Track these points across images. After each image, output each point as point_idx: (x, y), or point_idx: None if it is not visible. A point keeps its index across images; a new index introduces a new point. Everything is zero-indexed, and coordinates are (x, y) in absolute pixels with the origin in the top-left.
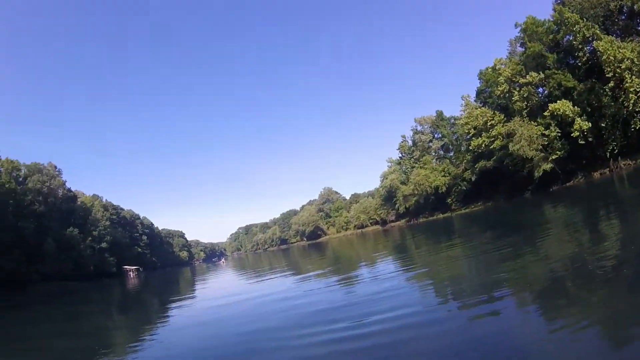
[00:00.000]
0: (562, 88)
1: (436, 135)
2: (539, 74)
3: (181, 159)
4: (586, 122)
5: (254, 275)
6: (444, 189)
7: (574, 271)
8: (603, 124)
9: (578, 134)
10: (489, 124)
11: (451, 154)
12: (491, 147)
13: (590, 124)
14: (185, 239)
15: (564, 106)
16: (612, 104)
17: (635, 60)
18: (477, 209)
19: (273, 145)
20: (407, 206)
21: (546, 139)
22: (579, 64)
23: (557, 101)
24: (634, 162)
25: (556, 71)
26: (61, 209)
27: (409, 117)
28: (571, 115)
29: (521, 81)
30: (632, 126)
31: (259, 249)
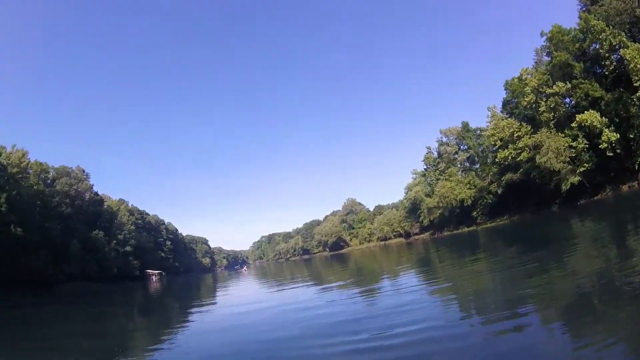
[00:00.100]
0: (589, 98)
1: (462, 147)
2: (565, 83)
3: (208, 168)
4: (614, 133)
5: (276, 284)
6: (469, 201)
7: (601, 287)
8: (631, 135)
9: (606, 145)
10: (515, 135)
11: (477, 166)
12: (518, 159)
13: (618, 135)
14: (209, 245)
15: (591, 117)
16: None
17: None
18: (503, 222)
19: (298, 155)
20: (432, 219)
21: (573, 150)
22: (606, 73)
23: (585, 112)
24: None
25: (583, 81)
26: (88, 211)
27: (434, 128)
28: (599, 126)
29: (548, 91)
30: None
31: (281, 258)
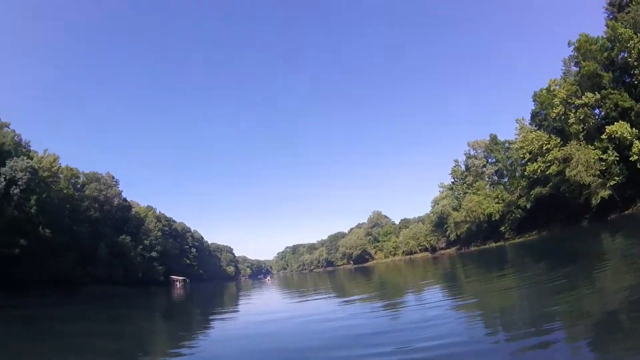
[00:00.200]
0: (619, 109)
1: (490, 160)
2: (594, 94)
3: (236, 178)
4: None
5: (298, 294)
6: (497, 216)
7: (630, 305)
8: None
9: (637, 157)
10: (544, 148)
11: (505, 179)
12: (547, 172)
13: None
14: (233, 254)
15: (621, 128)
16: None
17: None
18: (531, 238)
19: (325, 167)
20: (458, 233)
21: (603, 163)
22: (636, 82)
23: (614, 123)
24: None
25: (612, 91)
26: (116, 216)
27: (462, 141)
28: (629, 137)
29: (577, 102)
30: None
31: (305, 269)
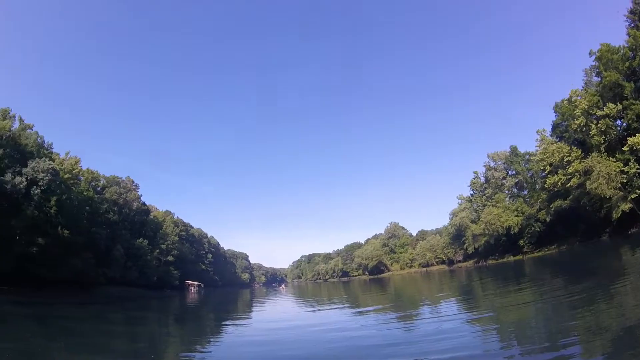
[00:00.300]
0: None
1: (510, 172)
2: (616, 105)
3: (255, 186)
4: None
5: (312, 304)
6: (516, 229)
7: None
8: None
9: None
10: (565, 160)
11: (525, 192)
12: (568, 185)
13: None
14: (249, 261)
15: None
16: None
17: None
18: (550, 252)
19: (343, 177)
20: (476, 246)
21: (625, 176)
22: None
23: (636, 134)
24: None
25: (634, 101)
26: (134, 220)
27: (482, 152)
28: None
29: (598, 113)
30: None
31: (320, 278)
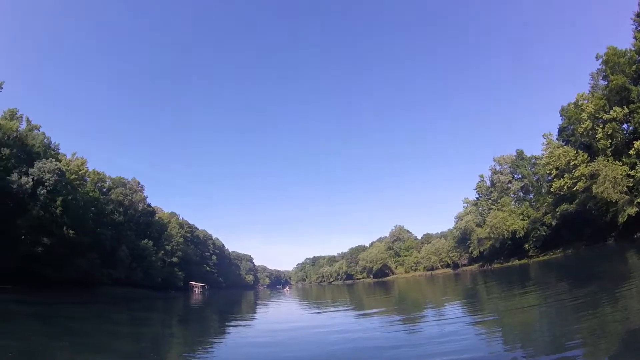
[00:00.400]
0: None
1: (516, 176)
2: (623, 108)
3: (260, 190)
4: None
5: (316, 306)
6: (522, 233)
7: None
8: None
9: None
10: (571, 164)
11: (531, 195)
12: (574, 189)
13: None
14: (253, 263)
15: None
16: None
17: None
18: (555, 256)
19: (348, 180)
20: (482, 250)
21: (631, 180)
22: None
23: None
24: None
25: None
26: (139, 221)
27: (488, 156)
28: None
29: (605, 117)
30: None
31: (324, 281)
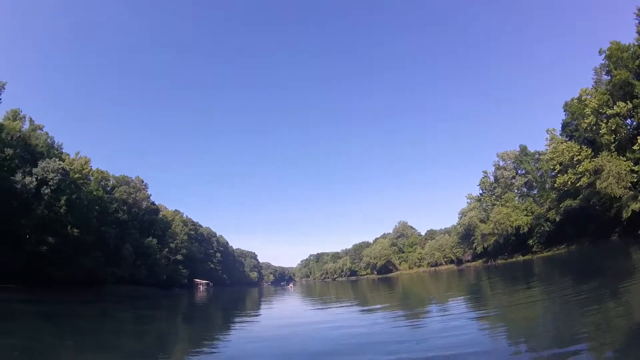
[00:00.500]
0: None
1: (519, 172)
2: (626, 103)
3: (264, 188)
4: None
5: (320, 302)
6: (525, 229)
7: None
8: None
9: None
10: (575, 159)
11: (535, 191)
12: (577, 184)
13: None
14: (257, 260)
15: None
16: None
17: None
18: (559, 251)
19: (352, 177)
20: (485, 246)
21: (635, 175)
22: None
23: None
24: None
25: None
26: (143, 219)
27: (491, 151)
28: None
29: (608, 112)
30: None
31: (328, 277)
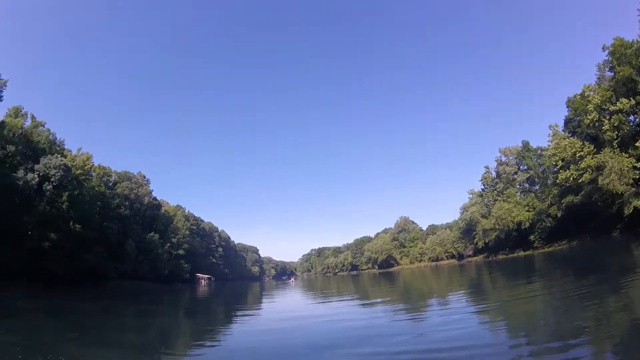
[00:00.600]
0: None
1: (521, 167)
2: (629, 100)
3: (265, 182)
4: None
5: (321, 296)
6: (527, 224)
7: None
8: None
9: None
10: (577, 155)
11: (537, 187)
12: (580, 180)
13: None
14: (259, 254)
15: None
16: None
17: None
18: (561, 247)
19: (353, 172)
20: (487, 241)
21: (637, 172)
22: None
23: None
24: None
25: None
26: (145, 214)
27: (494, 147)
28: None
29: (611, 109)
30: None
31: (329, 272)
